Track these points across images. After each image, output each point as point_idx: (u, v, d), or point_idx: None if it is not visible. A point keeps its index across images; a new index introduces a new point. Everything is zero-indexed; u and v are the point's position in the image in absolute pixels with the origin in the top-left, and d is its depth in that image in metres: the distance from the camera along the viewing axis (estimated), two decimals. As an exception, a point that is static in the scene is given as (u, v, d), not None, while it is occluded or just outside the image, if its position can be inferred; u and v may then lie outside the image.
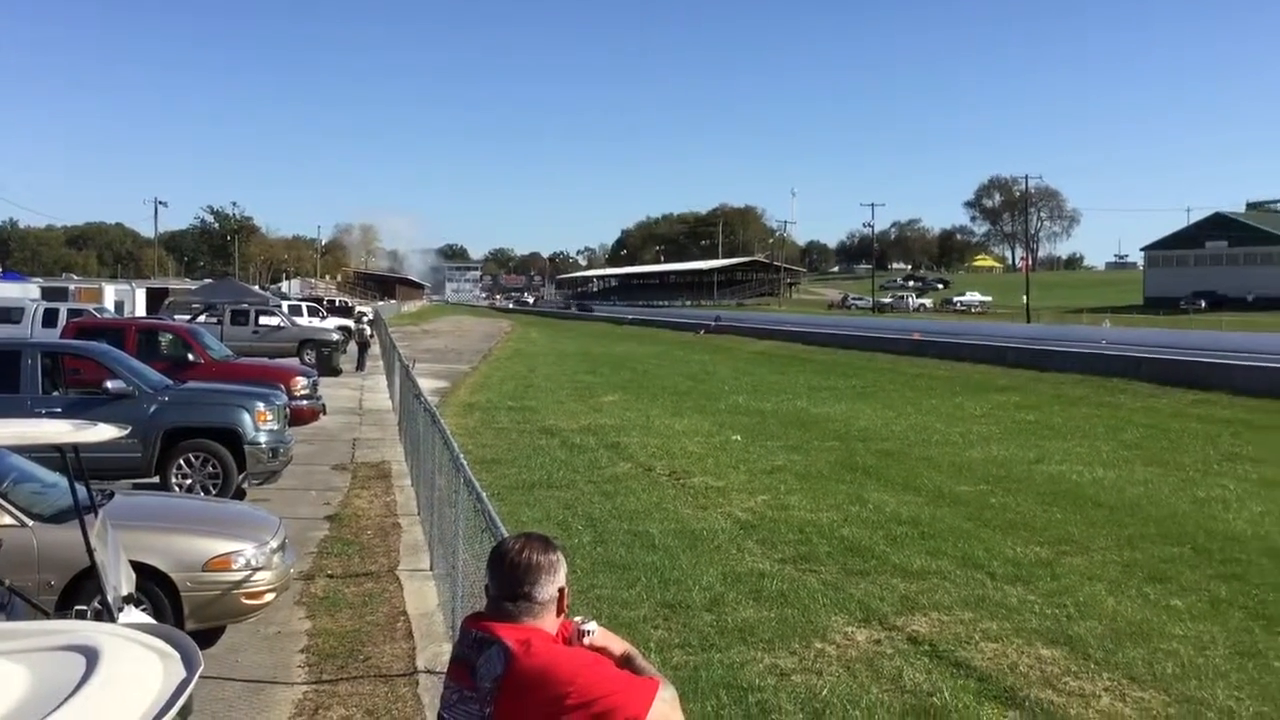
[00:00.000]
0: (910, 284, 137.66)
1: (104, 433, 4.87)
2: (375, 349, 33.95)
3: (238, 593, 6.68)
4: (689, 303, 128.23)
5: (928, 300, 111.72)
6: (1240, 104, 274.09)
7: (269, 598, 6.90)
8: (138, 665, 2.59)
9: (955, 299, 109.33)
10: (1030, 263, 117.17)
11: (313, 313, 43.65)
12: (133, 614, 4.83)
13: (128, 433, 5.39)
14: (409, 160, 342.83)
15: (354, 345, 34.57)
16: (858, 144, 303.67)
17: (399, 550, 9.72)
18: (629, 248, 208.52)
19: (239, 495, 11.24)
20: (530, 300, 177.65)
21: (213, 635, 6.86)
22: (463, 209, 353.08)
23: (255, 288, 70.49)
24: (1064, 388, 26.81)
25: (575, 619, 2.57)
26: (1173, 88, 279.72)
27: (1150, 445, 17.10)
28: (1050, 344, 37.84)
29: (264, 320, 31.35)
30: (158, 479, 11.17)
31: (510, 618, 2.43)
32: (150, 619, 5.25)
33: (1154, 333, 49.42)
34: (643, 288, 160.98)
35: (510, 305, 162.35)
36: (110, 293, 44.69)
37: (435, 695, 4.82)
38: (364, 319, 41.52)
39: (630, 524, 10.89)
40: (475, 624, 2.49)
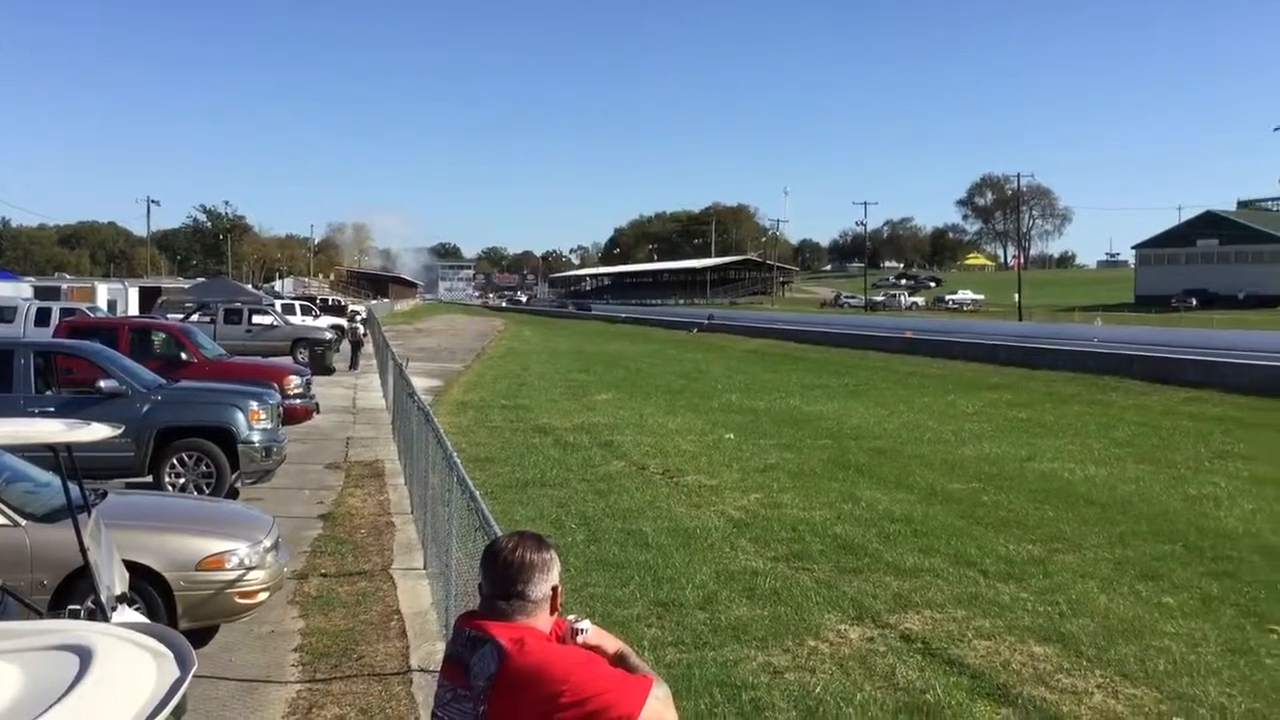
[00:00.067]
0: (903, 282, 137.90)
1: (97, 432, 4.86)
2: (369, 347, 33.91)
3: (231, 592, 6.67)
4: (682, 301, 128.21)
5: (920, 298, 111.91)
6: (1232, 103, 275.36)
7: (262, 597, 6.90)
8: (131, 665, 2.58)
9: (947, 297, 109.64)
10: (1022, 261, 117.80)
11: (306, 311, 43.63)
12: (126, 613, 4.83)
13: (121, 432, 5.39)
14: (402, 159, 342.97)
15: (347, 344, 34.57)
16: (850, 143, 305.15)
17: (392, 549, 9.72)
18: (622, 246, 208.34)
19: (232, 494, 11.23)
20: (524, 299, 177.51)
21: (206, 634, 6.86)
22: (456, 208, 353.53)
23: (248, 286, 70.24)
24: (1056, 385, 26.88)
25: (569, 617, 2.57)
26: (1164, 87, 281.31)
27: (1142, 443, 17.15)
28: (1042, 342, 38.03)
29: (257, 319, 31.35)
30: (151, 478, 11.15)
31: (504, 616, 2.43)
32: (144, 618, 5.25)
33: (1145, 331, 49.54)
34: (636, 286, 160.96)
35: (503, 304, 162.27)
36: (103, 292, 44.70)
37: (429, 694, 4.82)
38: (357, 318, 41.52)
39: (624, 522, 10.89)
40: (469, 622, 2.49)
